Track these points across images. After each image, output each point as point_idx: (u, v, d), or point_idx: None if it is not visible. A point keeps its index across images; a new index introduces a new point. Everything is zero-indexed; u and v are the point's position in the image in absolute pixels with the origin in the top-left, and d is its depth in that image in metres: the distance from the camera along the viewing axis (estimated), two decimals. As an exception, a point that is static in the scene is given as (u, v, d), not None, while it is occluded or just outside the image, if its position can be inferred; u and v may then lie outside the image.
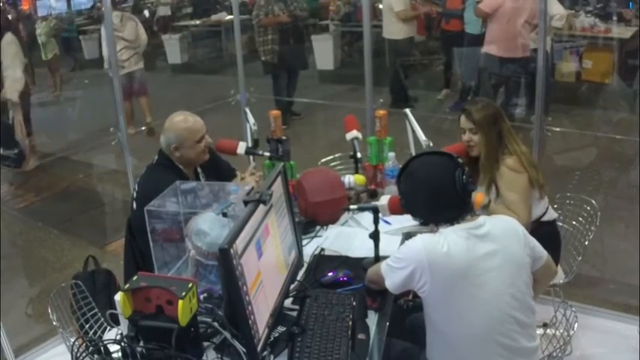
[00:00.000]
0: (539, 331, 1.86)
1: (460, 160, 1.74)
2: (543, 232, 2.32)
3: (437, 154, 1.80)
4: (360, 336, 1.68)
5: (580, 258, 2.51)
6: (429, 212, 1.76)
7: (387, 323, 1.80)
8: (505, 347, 1.65)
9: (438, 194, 1.70)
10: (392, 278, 1.70)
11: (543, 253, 1.80)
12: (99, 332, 2.17)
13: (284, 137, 2.57)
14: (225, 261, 1.41)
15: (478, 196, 2.08)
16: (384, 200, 1.97)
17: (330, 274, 1.97)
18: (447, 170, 1.70)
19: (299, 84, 6.66)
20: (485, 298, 1.63)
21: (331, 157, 3.20)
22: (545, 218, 2.43)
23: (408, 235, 2.24)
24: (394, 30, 6.32)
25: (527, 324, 1.70)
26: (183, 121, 2.36)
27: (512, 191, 2.31)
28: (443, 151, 1.83)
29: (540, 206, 2.41)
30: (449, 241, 1.64)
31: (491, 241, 1.67)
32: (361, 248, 2.15)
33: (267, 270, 1.64)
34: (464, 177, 1.68)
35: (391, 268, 1.70)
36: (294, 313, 1.75)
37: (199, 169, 2.51)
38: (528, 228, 2.08)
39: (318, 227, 2.37)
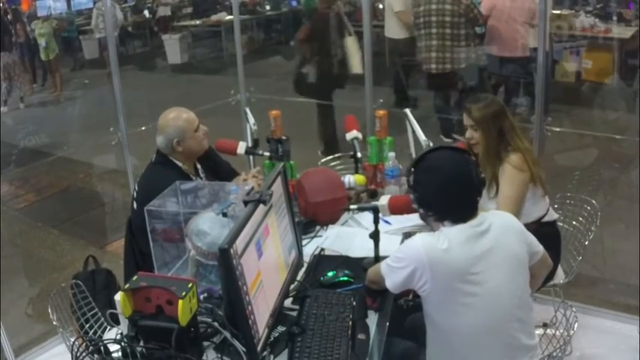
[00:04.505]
0: (539, 331, 1.86)
1: (473, 158, 1.74)
2: (544, 232, 2.30)
3: (453, 150, 1.76)
4: (360, 336, 1.68)
5: (580, 258, 2.51)
6: (444, 208, 1.70)
7: (387, 323, 1.80)
8: (505, 345, 1.65)
9: (458, 190, 1.67)
10: (392, 278, 1.70)
11: (539, 248, 1.80)
12: (99, 332, 2.17)
13: (284, 137, 2.58)
14: (225, 261, 1.41)
15: None
16: (384, 200, 1.97)
17: (330, 274, 1.97)
18: (467, 167, 1.68)
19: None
20: (485, 296, 1.63)
21: (331, 157, 3.20)
22: (546, 219, 2.42)
23: (408, 235, 2.23)
24: (395, 29, 6.31)
25: (526, 321, 1.70)
26: (177, 115, 2.39)
27: (510, 186, 2.29)
28: (458, 147, 1.79)
29: (542, 206, 2.41)
30: (449, 239, 1.63)
31: (491, 238, 1.67)
32: (361, 248, 2.15)
33: (267, 270, 1.64)
34: (480, 175, 1.69)
35: (391, 268, 1.70)
36: (294, 313, 1.75)
37: (198, 165, 2.52)
38: None
39: (318, 227, 2.37)
